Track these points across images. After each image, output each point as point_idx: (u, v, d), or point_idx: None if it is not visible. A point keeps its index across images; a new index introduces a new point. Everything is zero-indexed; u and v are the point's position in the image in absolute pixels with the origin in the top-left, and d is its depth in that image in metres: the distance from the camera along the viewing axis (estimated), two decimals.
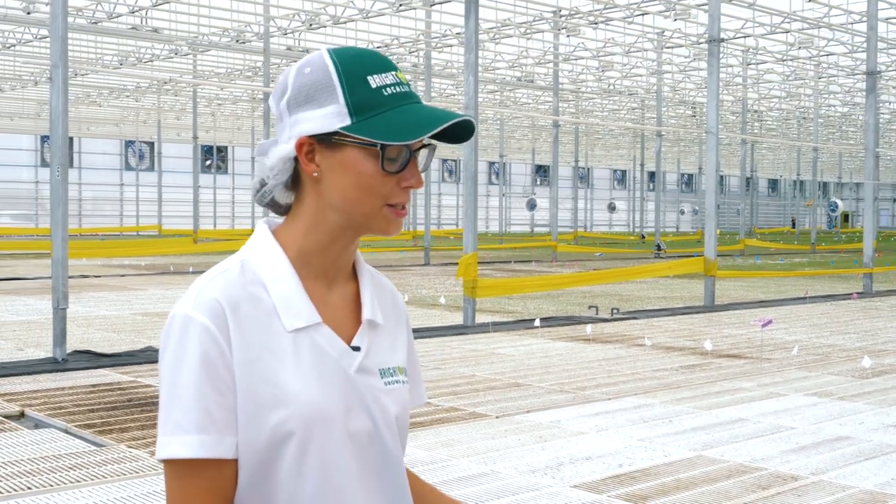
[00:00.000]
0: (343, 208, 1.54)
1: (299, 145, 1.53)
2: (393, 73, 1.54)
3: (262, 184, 1.59)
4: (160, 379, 1.50)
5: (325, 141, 1.52)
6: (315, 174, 1.54)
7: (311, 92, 1.52)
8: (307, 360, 1.52)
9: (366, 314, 1.61)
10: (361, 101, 1.50)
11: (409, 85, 1.55)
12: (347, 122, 1.50)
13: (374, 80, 1.52)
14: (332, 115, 1.51)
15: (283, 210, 1.62)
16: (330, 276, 1.60)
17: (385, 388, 1.59)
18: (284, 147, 1.55)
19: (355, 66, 1.53)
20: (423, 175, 1.58)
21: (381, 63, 1.54)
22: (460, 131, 1.55)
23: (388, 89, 1.52)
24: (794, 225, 76.32)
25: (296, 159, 1.55)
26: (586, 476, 6.19)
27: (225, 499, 1.48)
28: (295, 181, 1.58)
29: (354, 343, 1.58)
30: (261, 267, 1.55)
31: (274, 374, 1.49)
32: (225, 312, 1.48)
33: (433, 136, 1.55)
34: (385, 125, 1.49)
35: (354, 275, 1.66)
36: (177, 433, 1.45)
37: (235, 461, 1.49)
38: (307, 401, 1.49)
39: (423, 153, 1.58)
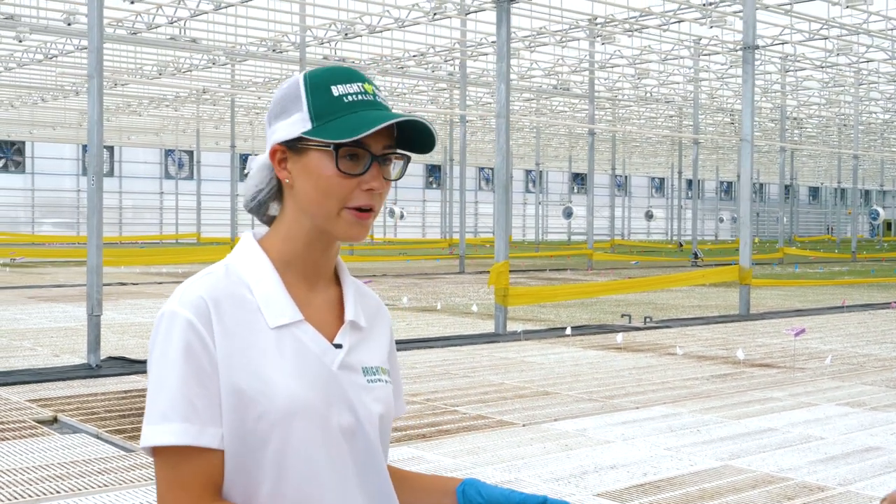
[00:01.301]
0: (309, 211, 1.61)
1: (272, 153, 1.62)
2: (359, 83, 1.61)
3: (254, 196, 1.69)
4: (148, 372, 1.57)
5: (293, 147, 1.60)
6: (287, 180, 1.62)
7: (284, 104, 1.61)
8: (289, 355, 1.58)
9: (348, 315, 1.67)
10: (321, 108, 1.58)
11: (375, 95, 1.62)
12: (308, 126, 1.58)
13: (338, 89, 1.59)
14: (296, 122, 1.59)
15: (269, 221, 1.70)
16: (311, 281, 1.66)
17: (368, 386, 1.65)
18: (262, 156, 1.65)
19: (321, 78, 1.61)
20: (390, 182, 1.63)
21: (349, 75, 1.62)
22: (427, 139, 1.62)
23: (349, 97, 1.59)
24: (829, 233, 75.67)
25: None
26: (610, 485, 6.18)
27: (213, 487, 1.53)
28: (280, 192, 1.66)
29: (336, 341, 1.64)
30: (244, 270, 1.62)
31: (256, 367, 1.55)
32: (209, 309, 1.55)
33: (405, 147, 1.63)
34: (339, 127, 1.56)
35: (337, 280, 1.72)
36: (161, 422, 1.52)
37: (222, 452, 1.54)
38: (288, 394, 1.55)
39: (397, 164, 1.64)
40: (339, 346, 1.63)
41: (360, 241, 1.62)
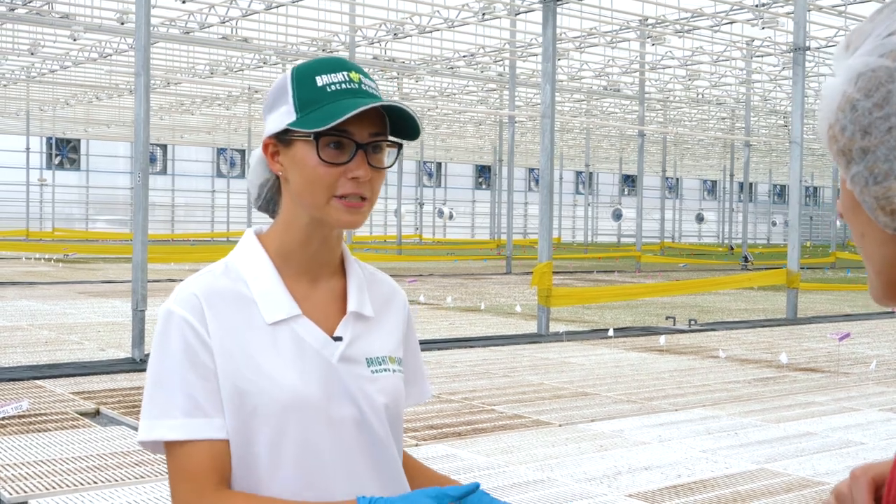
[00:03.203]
0: (300, 202, 1.61)
1: (265, 146, 1.64)
2: (345, 72, 1.60)
3: (261, 193, 1.71)
4: (148, 368, 1.60)
5: (283, 140, 1.61)
6: (280, 173, 1.63)
7: (274, 98, 1.63)
8: (287, 349, 1.59)
9: (351, 306, 1.66)
10: (305, 99, 1.58)
11: (361, 83, 1.60)
12: (293, 118, 1.58)
13: (322, 80, 1.59)
14: (283, 115, 1.60)
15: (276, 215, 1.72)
16: (313, 273, 1.66)
17: (371, 377, 1.64)
18: (257, 150, 1.67)
19: (308, 69, 1.61)
20: (383, 171, 1.62)
21: (335, 65, 1.61)
22: (412, 125, 1.61)
23: (332, 86, 1.58)
24: None
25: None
26: (642, 486, 6.15)
27: (219, 476, 1.56)
28: (280, 187, 1.67)
29: (337, 334, 1.63)
30: (243, 266, 1.63)
31: (252, 362, 1.56)
32: (202, 305, 1.57)
33: (397, 135, 1.62)
34: (318, 116, 1.55)
35: (343, 271, 1.71)
36: (162, 417, 1.55)
37: (227, 441, 1.56)
38: (283, 388, 1.56)
39: (390, 151, 1.63)
40: (339, 339, 1.63)
41: (354, 228, 1.61)
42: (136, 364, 10.28)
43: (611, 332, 13.45)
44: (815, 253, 46.88)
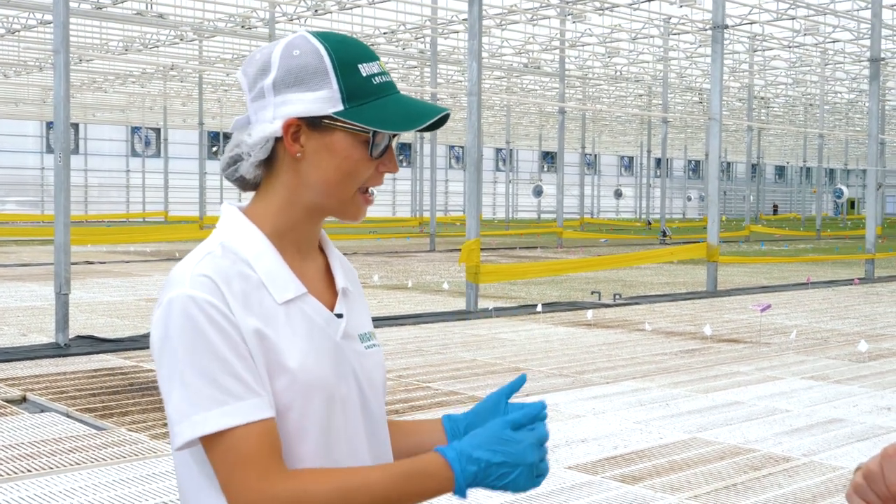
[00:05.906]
0: (321, 190, 1.59)
1: (287, 126, 1.57)
2: (377, 62, 1.61)
3: (235, 160, 1.63)
4: (169, 362, 1.49)
5: (314, 124, 1.57)
6: (298, 155, 1.58)
7: (302, 75, 1.56)
8: (300, 329, 1.57)
9: (339, 283, 1.67)
10: (353, 89, 1.56)
11: (389, 74, 1.62)
12: (340, 107, 1.56)
13: (364, 69, 1.58)
14: (323, 100, 1.56)
15: (249, 186, 1.65)
16: (304, 251, 1.65)
17: (366, 352, 1.66)
18: (269, 126, 1.58)
19: (346, 54, 1.58)
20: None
21: (367, 52, 1.61)
22: (435, 121, 1.62)
23: (376, 78, 1.58)
24: (775, 212, 76.78)
25: (277, 139, 1.59)
26: (581, 458, 6.25)
27: (277, 454, 1.49)
28: (269, 159, 1.61)
29: (336, 311, 1.64)
30: (240, 246, 1.59)
31: (273, 344, 1.54)
32: (220, 287, 1.52)
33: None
34: (377, 114, 1.56)
35: (320, 247, 1.72)
36: (214, 406, 1.46)
37: (274, 416, 1.51)
38: (306, 369, 1.55)
39: (394, 140, 1.64)
40: (340, 316, 1.63)
41: (360, 221, 1.65)
42: (61, 349, 10.08)
43: (539, 308, 13.58)
44: (729, 227, 47.87)
